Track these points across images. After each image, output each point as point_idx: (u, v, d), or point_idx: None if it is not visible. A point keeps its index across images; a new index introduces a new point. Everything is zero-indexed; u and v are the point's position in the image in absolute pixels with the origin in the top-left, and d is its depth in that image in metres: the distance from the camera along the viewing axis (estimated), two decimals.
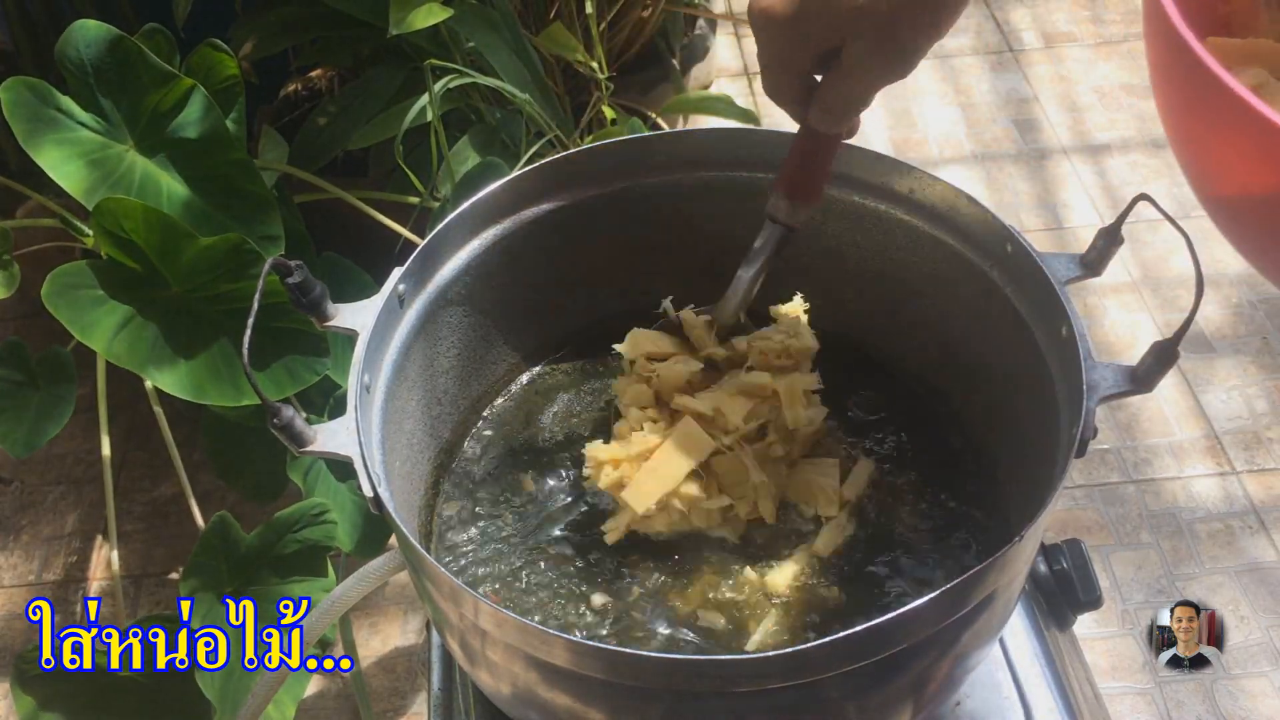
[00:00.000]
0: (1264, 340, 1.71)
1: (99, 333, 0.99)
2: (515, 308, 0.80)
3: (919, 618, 0.52)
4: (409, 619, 1.50)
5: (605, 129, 1.37)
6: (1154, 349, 0.59)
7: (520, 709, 0.64)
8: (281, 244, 1.11)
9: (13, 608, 1.56)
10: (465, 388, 0.80)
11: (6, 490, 1.69)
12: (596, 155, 0.76)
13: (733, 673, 0.53)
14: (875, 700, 0.59)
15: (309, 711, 1.41)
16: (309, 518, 1.10)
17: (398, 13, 1.16)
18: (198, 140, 1.07)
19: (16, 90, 0.99)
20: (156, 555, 1.59)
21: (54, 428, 1.15)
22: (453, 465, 0.78)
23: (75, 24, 1.02)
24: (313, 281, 0.64)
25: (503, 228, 0.75)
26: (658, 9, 1.61)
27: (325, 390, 1.19)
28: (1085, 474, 1.57)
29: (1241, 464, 1.57)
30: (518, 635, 0.55)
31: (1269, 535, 1.49)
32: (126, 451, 1.70)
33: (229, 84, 1.15)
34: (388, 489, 0.62)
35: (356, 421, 0.61)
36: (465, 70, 1.21)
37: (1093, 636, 1.40)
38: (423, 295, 0.72)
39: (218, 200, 1.09)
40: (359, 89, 1.40)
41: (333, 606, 0.81)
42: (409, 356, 0.71)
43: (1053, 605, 0.80)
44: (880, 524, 0.72)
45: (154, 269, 1.01)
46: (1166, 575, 1.46)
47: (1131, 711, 1.35)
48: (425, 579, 0.60)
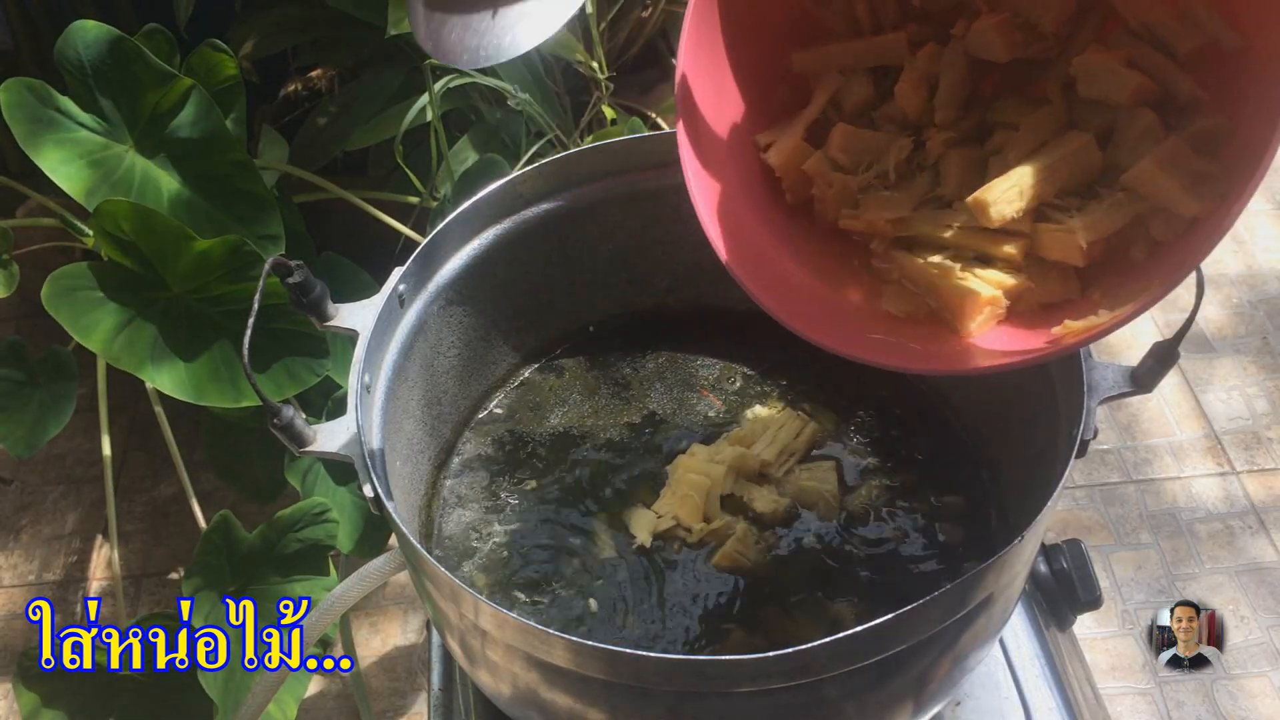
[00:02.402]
0: (1264, 340, 1.71)
1: (98, 334, 1.00)
2: (515, 308, 0.80)
3: (919, 618, 0.52)
4: (409, 619, 1.50)
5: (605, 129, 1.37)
6: (1154, 349, 0.59)
7: (520, 709, 0.64)
8: (281, 244, 1.11)
9: (13, 608, 1.56)
10: (465, 388, 0.80)
11: (6, 490, 1.69)
12: (596, 155, 0.76)
13: (733, 673, 0.53)
14: (875, 700, 0.59)
15: (309, 711, 1.41)
16: (310, 517, 1.10)
17: (397, 13, 1.16)
18: (197, 140, 1.07)
19: (16, 91, 0.99)
20: (156, 555, 1.59)
21: (55, 427, 1.15)
22: (453, 465, 0.78)
23: (75, 24, 1.02)
24: (313, 281, 0.64)
25: (503, 228, 0.75)
26: (658, 9, 1.61)
27: (325, 390, 1.19)
28: (1085, 474, 1.57)
29: (1241, 464, 1.57)
30: (518, 635, 0.55)
31: (1269, 535, 1.49)
32: (127, 451, 1.70)
33: (229, 84, 1.15)
34: (388, 489, 0.62)
35: (357, 422, 0.61)
36: (465, 70, 1.21)
37: (1093, 636, 1.40)
38: (423, 295, 0.72)
39: (217, 200, 1.09)
40: (359, 89, 1.40)
41: (333, 606, 0.81)
42: (409, 356, 0.71)
43: (1053, 605, 0.80)
44: (880, 524, 0.72)
45: (153, 271, 1.01)
46: (1166, 575, 1.46)
47: (1131, 711, 1.35)
48: (425, 579, 0.60)
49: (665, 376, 0.83)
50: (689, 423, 0.79)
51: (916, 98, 0.61)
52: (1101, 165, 0.57)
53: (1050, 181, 0.56)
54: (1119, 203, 0.55)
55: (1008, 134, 0.59)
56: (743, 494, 0.73)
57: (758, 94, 0.64)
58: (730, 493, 0.73)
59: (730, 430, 0.77)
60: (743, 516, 0.73)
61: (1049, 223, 0.56)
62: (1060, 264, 0.57)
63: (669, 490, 0.74)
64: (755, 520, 0.72)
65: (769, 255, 0.62)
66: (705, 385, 0.82)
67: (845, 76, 0.63)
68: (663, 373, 0.83)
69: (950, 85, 0.60)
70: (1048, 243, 0.56)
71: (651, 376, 0.83)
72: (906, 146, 0.61)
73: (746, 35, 0.62)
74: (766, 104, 0.64)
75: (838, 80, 0.63)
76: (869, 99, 0.63)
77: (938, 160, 0.61)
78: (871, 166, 0.62)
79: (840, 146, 0.62)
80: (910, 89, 0.61)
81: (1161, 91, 0.56)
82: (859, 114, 0.63)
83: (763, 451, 0.75)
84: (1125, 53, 0.56)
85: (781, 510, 0.73)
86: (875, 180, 0.61)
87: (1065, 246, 0.55)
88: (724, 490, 0.73)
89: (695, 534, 0.71)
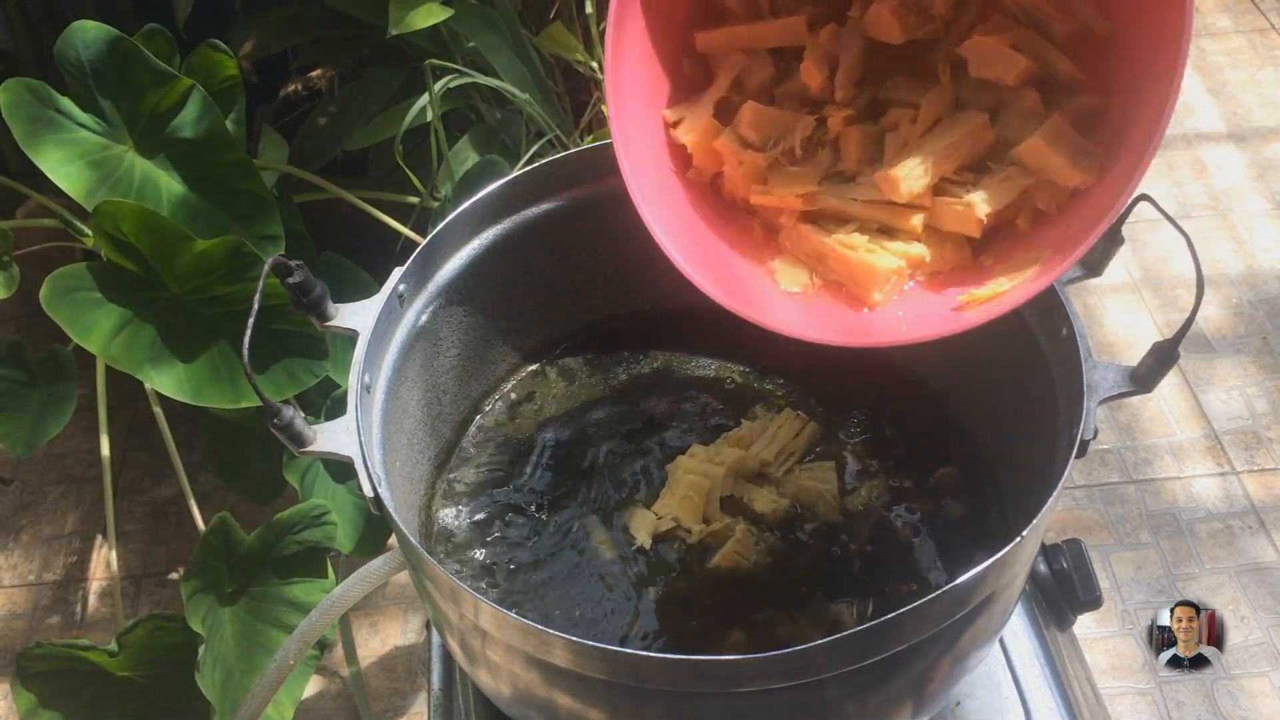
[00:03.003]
0: (1264, 340, 1.71)
1: (97, 335, 0.99)
2: (515, 308, 0.80)
3: (919, 618, 0.52)
4: (409, 619, 1.50)
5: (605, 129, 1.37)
6: (1154, 349, 0.59)
7: (520, 709, 0.64)
8: (281, 244, 1.11)
9: (13, 607, 1.56)
10: (465, 387, 0.80)
11: (6, 490, 1.69)
12: (596, 155, 0.76)
13: (733, 673, 0.53)
14: (875, 700, 0.59)
15: (309, 712, 1.41)
16: (309, 519, 1.10)
17: (397, 13, 1.16)
18: (197, 140, 1.07)
19: (16, 91, 0.99)
20: (156, 555, 1.59)
21: (55, 427, 1.15)
22: (453, 465, 0.78)
23: (75, 25, 1.02)
24: (313, 281, 0.64)
25: (503, 228, 0.75)
26: None
27: (325, 390, 1.19)
28: (1085, 474, 1.57)
29: (1241, 464, 1.57)
30: (518, 635, 0.55)
31: (1269, 535, 1.49)
32: (126, 451, 1.70)
33: (229, 84, 1.15)
34: (388, 489, 0.62)
35: (357, 421, 0.61)
36: (465, 70, 1.21)
37: (1093, 636, 1.40)
38: (423, 295, 0.72)
39: (217, 200, 1.09)
40: (359, 89, 1.40)
41: (333, 606, 0.81)
42: (409, 356, 0.71)
43: (1053, 605, 0.80)
44: (879, 524, 0.72)
45: (152, 271, 1.01)
46: (1166, 575, 1.46)
47: (1131, 711, 1.35)
48: (425, 579, 0.60)
49: (665, 377, 0.83)
50: (688, 423, 0.79)
51: (820, 75, 0.64)
52: (994, 142, 0.61)
53: (951, 159, 0.60)
54: (1010, 177, 0.59)
55: (901, 111, 0.63)
56: (742, 495, 0.73)
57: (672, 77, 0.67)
58: (730, 494, 0.73)
59: (729, 431, 0.77)
60: (742, 517, 0.73)
61: (947, 196, 0.60)
62: (954, 234, 0.61)
63: (668, 491, 0.74)
64: (755, 521, 0.72)
65: (697, 231, 0.64)
66: (704, 385, 0.82)
67: (748, 56, 0.66)
68: (662, 373, 0.83)
69: (849, 65, 0.64)
70: (946, 215, 0.60)
71: (651, 377, 0.83)
72: (810, 124, 0.64)
73: (663, 19, 0.65)
74: (678, 85, 0.67)
75: (742, 60, 0.66)
76: (771, 77, 0.67)
77: (838, 137, 0.64)
78: (779, 143, 0.65)
79: (750, 123, 0.64)
80: (813, 67, 0.64)
81: (1043, 72, 0.60)
82: (762, 92, 0.67)
83: (762, 452, 0.75)
84: (1009, 36, 0.60)
85: (781, 511, 0.73)
86: (782, 156, 0.64)
87: (963, 219, 0.59)
88: (724, 491, 0.73)
89: (695, 535, 0.71)
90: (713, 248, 0.65)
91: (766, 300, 0.63)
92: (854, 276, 0.61)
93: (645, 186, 0.62)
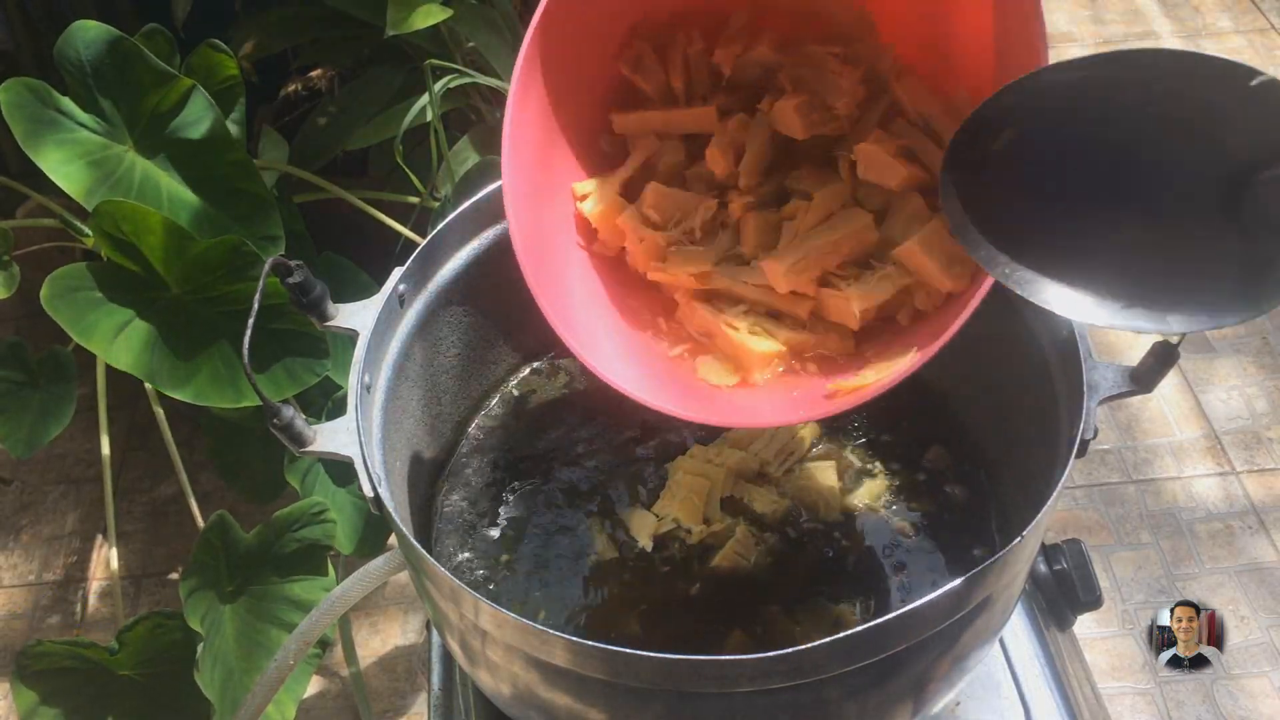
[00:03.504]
0: (1264, 340, 1.71)
1: (98, 335, 0.99)
2: (515, 308, 0.80)
3: (919, 618, 0.52)
4: (409, 619, 1.50)
5: None
6: (1154, 349, 0.59)
7: (520, 709, 0.64)
8: (281, 244, 1.11)
9: (13, 607, 1.56)
10: (465, 387, 0.80)
11: (6, 490, 1.69)
12: None
13: (733, 673, 0.53)
14: (875, 700, 0.59)
15: (309, 711, 1.41)
16: (308, 517, 1.10)
17: (397, 13, 1.16)
18: (197, 141, 1.07)
19: (16, 91, 0.99)
20: (156, 555, 1.59)
21: (55, 427, 1.15)
22: (453, 465, 0.78)
23: (75, 24, 1.02)
24: (313, 281, 0.64)
25: (503, 227, 0.75)
26: None
27: (325, 390, 1.19)
28: (1085, 474, 1.57)
29: (1241, 464, 1.57)
30: (518, 635, 0.55)
31: (1269, 535, 1.49)
32: (126, 451, 1.70)
33: (229, 84, 1.15)
34: (388, 489, 0.62)
35: (357, 421, 0.61)
36: (465, 70, 1.21)
37: (1093, 636, 1.40)
38: (423, 295, 0.72)
39: (218, 200, 1.09)
40: (359, 89, 1.40)
41: (333, 606, 0.81)
42: (409, 356, 0.71)
43: (1053, 605, 0.80)
44: (879, 524, 0.72)
45: (153, 271, 1.01)
46: (1166, 575, 1.46)
47: (1131, 711, 1.35)
48: (425, 579, 0.60)
49: None
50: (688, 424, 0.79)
51: (725, 162, 0.67)
52: (877, 241, 0.63)
53: (834, 255, 0.63)
54: (889, 275, 0.62)
55: (800, 203, 0.65)
56: (742, 495, 0.73)
57: (581, 145, 0.69)
58: (730, 494, 0.73)
59: (729, 431, 0.77)
60: (743, 518, 0.73)
61: (831, 288, 0.63)
62: (838, 324, 0.63)
63: (669, 492, 0.74)
64: (755, 521, 0.72)
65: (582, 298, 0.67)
66: None
67: (661, 139, 0.69)
68: None
69: (753, 155, 0.67)
70: (829, 306, 0.63)
71: None
72: (712, 207, 0.67)
73: (571, 90, 0.66)
74: (588, 155, 0.69)
75: (654, 143, 0.69)
76: (682, 161, 0.69)
77: (738, 221, 0.67)
78: (680, 223, 0.67)
79: (652, 204, 0.67)
80: (719, 154, 0.67)
81: (930, 179, 0.62)
82: (672, 174, 0.69)
83: (762, 452, 0.75)
84: (902, 142, 0.63)
85: (781, 511, 0.73)
86: (682, 236, 0.67)
87: (842, 310, 0.62)
88: (724, 491, 0.73)
89: (695, 535, 0.71)
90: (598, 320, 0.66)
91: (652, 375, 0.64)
92: (735, 356, 0.63)
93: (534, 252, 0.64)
